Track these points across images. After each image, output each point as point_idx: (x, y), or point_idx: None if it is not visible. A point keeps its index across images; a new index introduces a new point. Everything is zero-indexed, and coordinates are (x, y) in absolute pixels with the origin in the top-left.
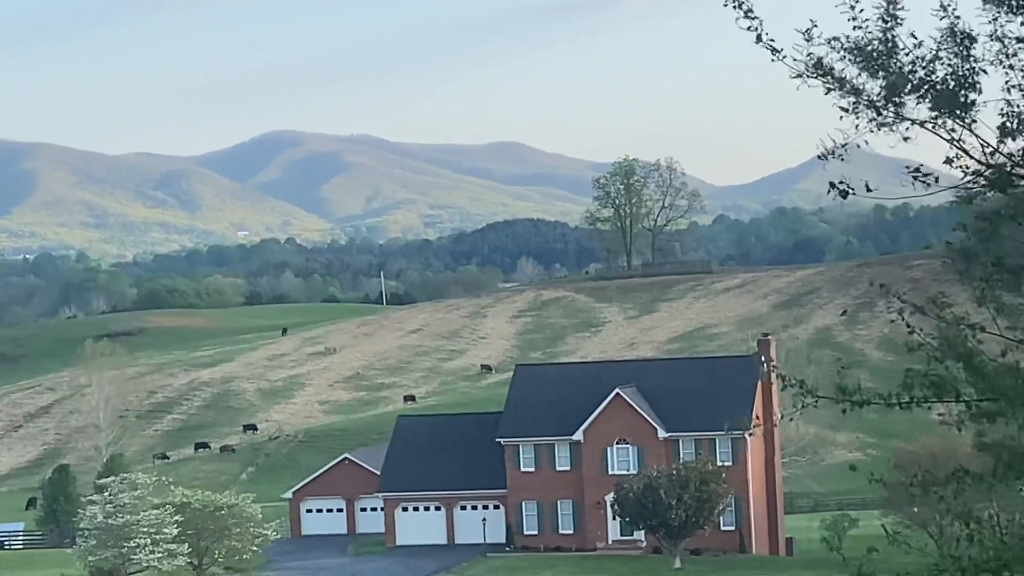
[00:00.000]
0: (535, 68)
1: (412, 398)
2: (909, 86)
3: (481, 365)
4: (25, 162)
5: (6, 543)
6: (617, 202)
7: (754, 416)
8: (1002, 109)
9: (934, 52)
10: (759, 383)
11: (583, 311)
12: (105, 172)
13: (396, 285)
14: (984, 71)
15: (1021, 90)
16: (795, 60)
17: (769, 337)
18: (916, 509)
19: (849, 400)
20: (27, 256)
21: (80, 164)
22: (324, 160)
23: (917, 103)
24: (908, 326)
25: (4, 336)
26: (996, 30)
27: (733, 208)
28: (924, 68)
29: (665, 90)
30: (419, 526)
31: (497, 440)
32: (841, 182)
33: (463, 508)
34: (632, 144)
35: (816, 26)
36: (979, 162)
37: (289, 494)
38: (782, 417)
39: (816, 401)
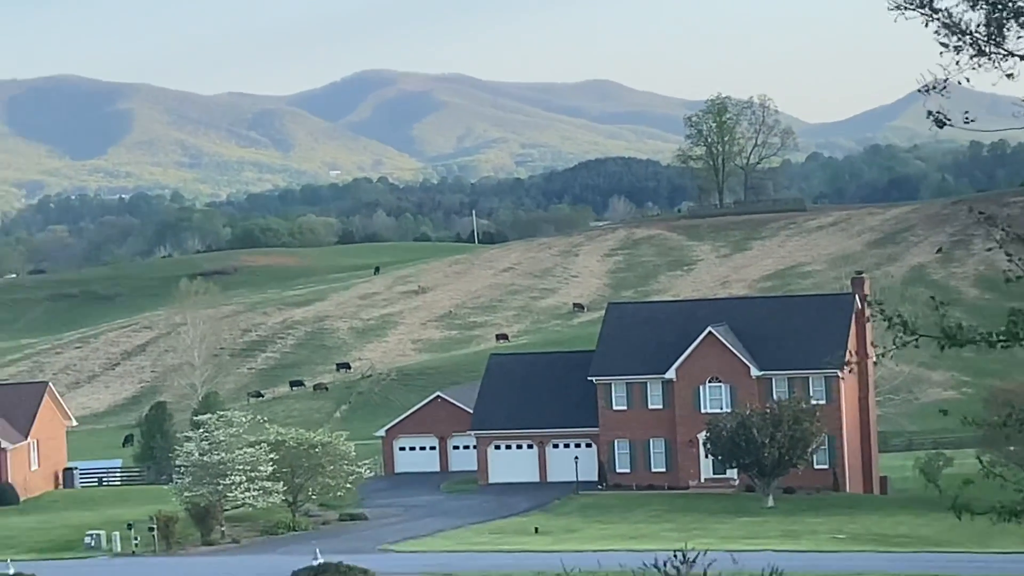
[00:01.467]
0: (627, 5)
1: (504, 336)
2: (1012, 15)
3: (573, 304)
4: (120, 103)
5: (104, 479)
6: (709, 140)
7: (848, 353)
8: None
9: None
10: (853, 321)
11: (675, 249)
12: (199, 112)
13: (488, 224)
14: None
15: None
16: None
17: (863, 275)
18: (1012, 448)
19: (951, 339)
20: (123, 196)
21: (174, 104)
22: (416, 99)
23: (1020, 36)
24: (1008, 255)
25: (100, 275)
26: None
27: (827, 146)
28: None
29: (758, 26)
30: (511, 464)
31: (589, 378)
32: (939, 111)
33: (555, 446)
34: (725, 81)
35: None
36: None
37: (382, 432)
38: (883, 354)
39: (917, 340)
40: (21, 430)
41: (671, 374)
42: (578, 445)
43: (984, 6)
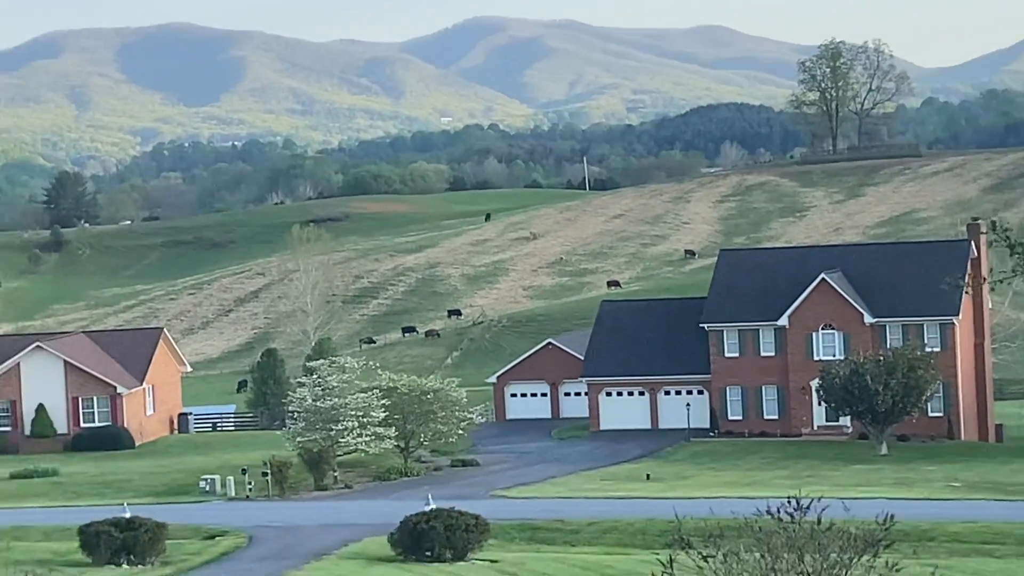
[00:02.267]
0: None
1: (616, 283)
2: None
3: (684, 250)
4: (233, 50)
5: (218, 425)
6: (823, 85)
7: (964, 293)
8: None
9: None
10: (968, 268)
11: (788, 196)
12: (310, 59)
13: (599, 170)
14: None
15: None
16: None
17: (979, 221)
18: None
19: None
20: (235, 143)
21: (286, 51)
22: (526, 46)
23: None
24: None
25: (213, 222)
26: None
27: (942, 90)
28: None
29: None
30: (623, 411)
31: (701, 325)
32: None
33: (666, 393)
34: (838, 26)
35: None
36: None
37: (493, 379)
38: (1000, 280)
39: None
40: (137, 376)
41: (783, 321)
42: (690, 392)
43: None
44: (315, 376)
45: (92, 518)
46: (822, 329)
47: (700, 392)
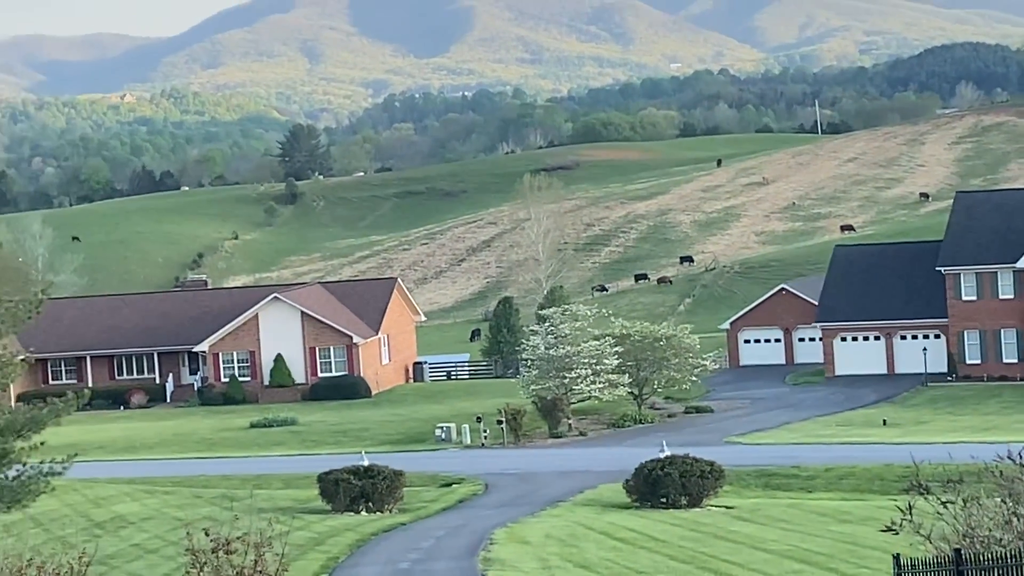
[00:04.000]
0: None
1: (850, 227)
2: None
3: (919, 193)
4: (461, 1)
5: (453, 373)
6: None
7: None
8: None
9: None
10: None
11: None
12: (539, 8)
13: (831, 114)
14: None
15: None
16: None
17: None
18: None
19: None
20: (465, 93)
21: (514, 1)
22: None
23: None
24: None
25: (445, 172)
26: None
27: None
28: None
29: None
30: (858, 356)
31: (937, 269)
32: None
33: (902, 338)
34: None
35: None
36: None
37: (726, 325)
38: None
39: None
40: (372, 325)
41: (1023, 263)
42: (926, 336)
43: None
44: (548, 324)
45: (331, 466)
46: None
47: (937, 336)
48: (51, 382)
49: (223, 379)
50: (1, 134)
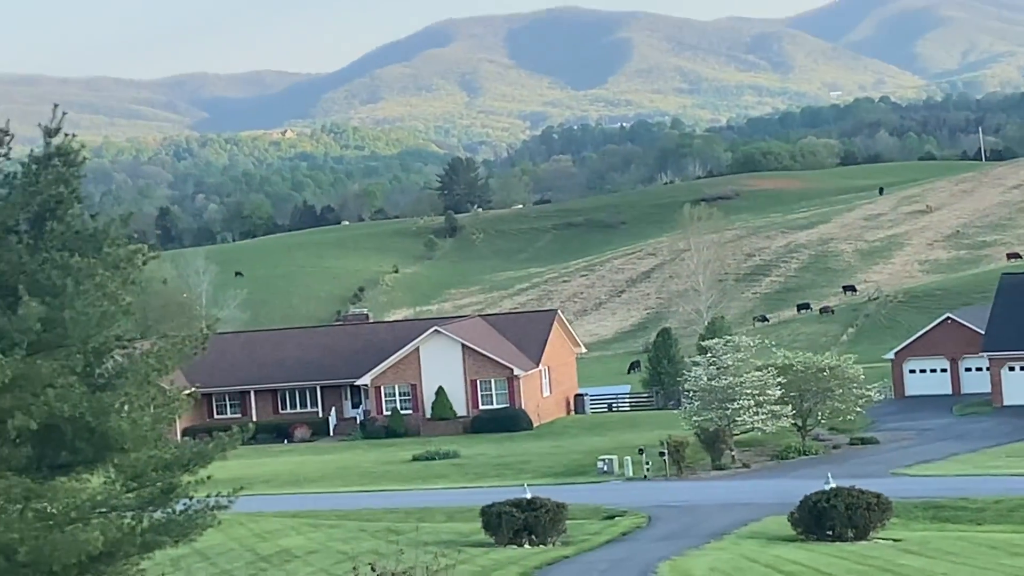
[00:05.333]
0: None
1: (1016, 255)
2: None
3: None
4: (619, 32)
5: (614, 405)
6: None
7: None
8: None
9: None
10: None
11: None
12: (697, 38)
13: (995, 140)
14: None
15: None
16: None
17: None
18: None
19: None
20: (623, 124)
21: (672, 31)
22: (917, 15)
23: None
24: None
25: (603, 203)
26: None
27: None
28: None
29: None
30: None
31: None
32: None
33: None
34: None
35: None
36: None
37: (891, 355)
38: None
39: None
40: (533, 357)
41: None
42: None
43: None
44: (709, 355)
45: (493, 499)
46: None
47: None
48: (216, 416)
49: (385, 412)
50: (165, 171)
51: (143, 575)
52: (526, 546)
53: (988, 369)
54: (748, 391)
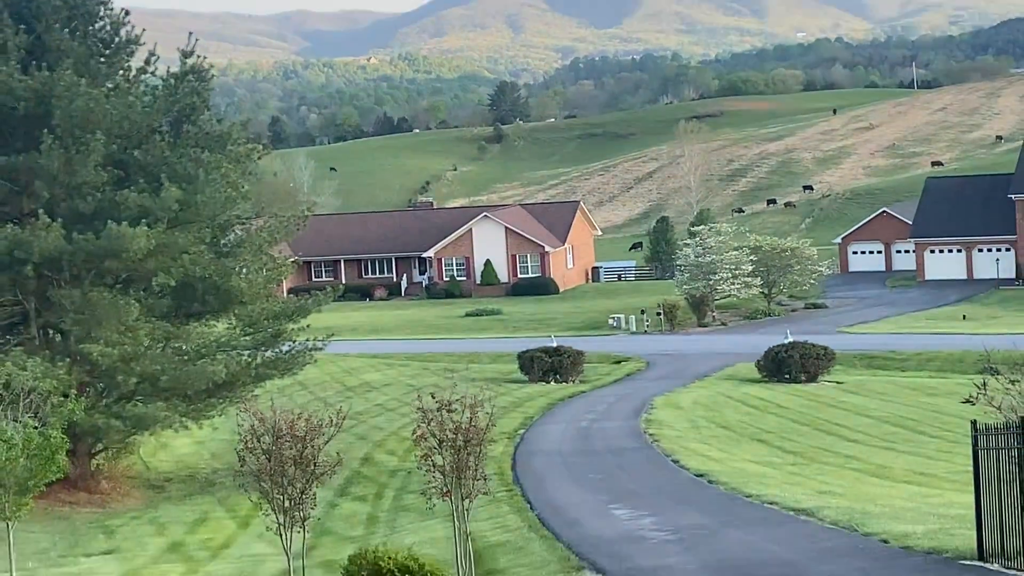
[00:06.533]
0: None
1: (939, 163)
2: None
3: (995, 136)
4: None
5: (622, 276)
6: None
7: None
8: None
9: None
10: None
11: None
12: None
13: (925, 73)
14: None
15: None
16: None
17: None
18: None
19: None
20: (634, 57)
21: None
22: None
23: None
24: None
25: (617, 119)
26: None
27: None
28: None
29: None
30: (943, 265)
31: (1009, 196)
32: None
33: (980, 251)
34: None
35: None
36: None
37: (838, 239)
38: None
39: None
40: (560, 237)
41: None
42: (999, 250)
43: None
44: (697, 238)
45: (527, 346)
46: None
47: (1007, 249)
48: (313, 279)
49: (445, 278)
50: (276, 88)
51: (256, 400)
52: (552, 383)
53: (914, 252)
54: (727, 266)
